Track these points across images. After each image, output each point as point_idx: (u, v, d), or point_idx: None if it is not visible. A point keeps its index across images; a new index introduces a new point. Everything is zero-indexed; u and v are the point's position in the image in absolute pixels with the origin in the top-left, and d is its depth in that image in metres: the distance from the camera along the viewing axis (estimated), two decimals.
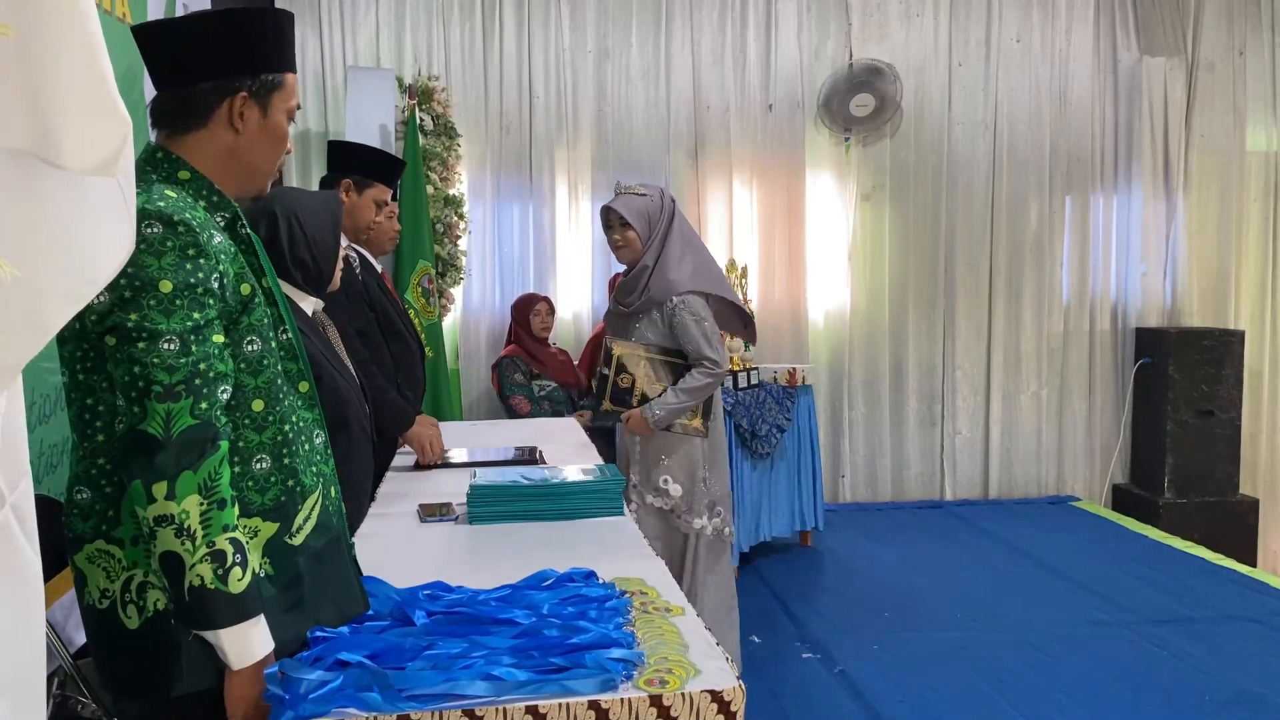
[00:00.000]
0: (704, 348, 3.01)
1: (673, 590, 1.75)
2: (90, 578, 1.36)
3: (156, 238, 1.30)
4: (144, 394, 1.27)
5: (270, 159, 1.49)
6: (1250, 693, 3.23)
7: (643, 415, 3.02)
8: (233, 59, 1.43)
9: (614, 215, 3.07)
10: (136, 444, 1.27)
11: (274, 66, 1.46)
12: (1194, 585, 4.29)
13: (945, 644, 3.66)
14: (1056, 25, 5.68)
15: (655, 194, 3.09)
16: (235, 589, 1.30)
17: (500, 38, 5.30)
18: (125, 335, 1.28)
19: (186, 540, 1.27)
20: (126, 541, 1.35)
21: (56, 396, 2.39)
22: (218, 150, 1.44)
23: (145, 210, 1.31)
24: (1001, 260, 5.76)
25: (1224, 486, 5.50)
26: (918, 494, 5.79)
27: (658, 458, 3.09)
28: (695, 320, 3.02)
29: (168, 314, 1.29)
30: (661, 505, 3.09)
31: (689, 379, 3.02)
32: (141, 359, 1.28)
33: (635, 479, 3.10)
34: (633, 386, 3.02)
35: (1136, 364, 5.74)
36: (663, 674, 1.36)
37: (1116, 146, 5.78)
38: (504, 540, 2.10)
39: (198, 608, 1.29)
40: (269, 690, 1.31)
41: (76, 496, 1.37)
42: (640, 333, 3.09)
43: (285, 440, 1.45)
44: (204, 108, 1.43)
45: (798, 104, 5.53)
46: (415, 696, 1.28)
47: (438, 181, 4.93)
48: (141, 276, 1.29)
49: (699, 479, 3.11)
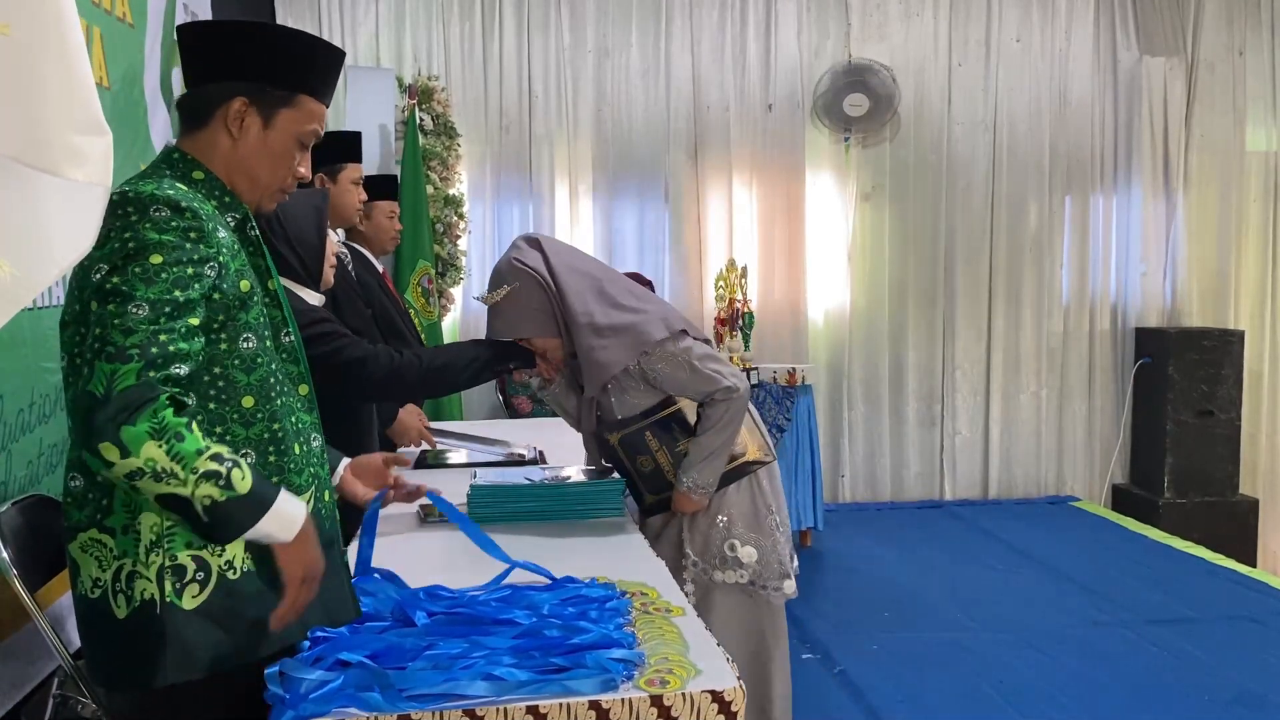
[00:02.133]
0: (702, 385, 2.23)
1: (673, 590, 1.75)
2: (84, 567, 1.37)
3: (163, 219, 1.32)
4: (96, 355, 1.25)
5: (270, 174, 1.49)
6: (1250, 693, 3.23)
7: (683, 492, 2.26)
8: (239, 65, 1.45)
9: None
10: (77, 405, 1.25)
11: (285, 83, 1.47)
12: (1194, 585, 4.29)
13: (945, 644, 3.66)
14: (1056, 25, 5.68)
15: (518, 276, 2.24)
16: (244, 489, 1.29)
17: (500, 37, 5.30)
18: (102, 296, 1.28)
19: (169, 479, 1.25)
20: (118, 530, 1.35)
21: (56, 396, 2.39)
22: (220, 153, 1.46)
23: (155, 196, 1.33)
24: (1001, 260, 5.75)
25: (1224, 487, 5.50)
26: (917, 494, 5.79)
27: (714, 518, 2.30)
28: (675, 365, 2.23)
29: (148, 283, 1.29)
30: (738, 579, 2.28)
31: (705, 418, 2.25)
32: (106, 320, 1.27)
33: (693, 555, 2.30)
34: (657, 465, 2.30)
35: (1136, 364, 5.74)
36: (663, 674, 1.36)
37: (1116, 146, 5.78)
38: (504, 540, 2.08)
39: (222, 524, 1.29)
40: (269, 690, 1.31)
41: (71, 484, 1.38)
42: (622, 403, 2.28)
43: (274, 439, 1.45)
44: (206, 107, 1.46)
45: (797, 104, 5.53)
46: (416, 696, 1.28)
47: (437, 181, 4.93)
48: (136, 245, 1.31)
49: (769, 524, 2.32)
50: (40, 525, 2.08)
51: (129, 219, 1.31)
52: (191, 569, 1.36)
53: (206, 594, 1.37)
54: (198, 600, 1.36)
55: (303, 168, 1.53)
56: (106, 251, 1.30)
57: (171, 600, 1.34)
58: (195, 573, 1.36)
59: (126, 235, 1.30)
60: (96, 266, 1.30)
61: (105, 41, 2.73)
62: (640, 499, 2.36)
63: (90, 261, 1.31)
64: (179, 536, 1.35)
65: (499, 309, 2.26)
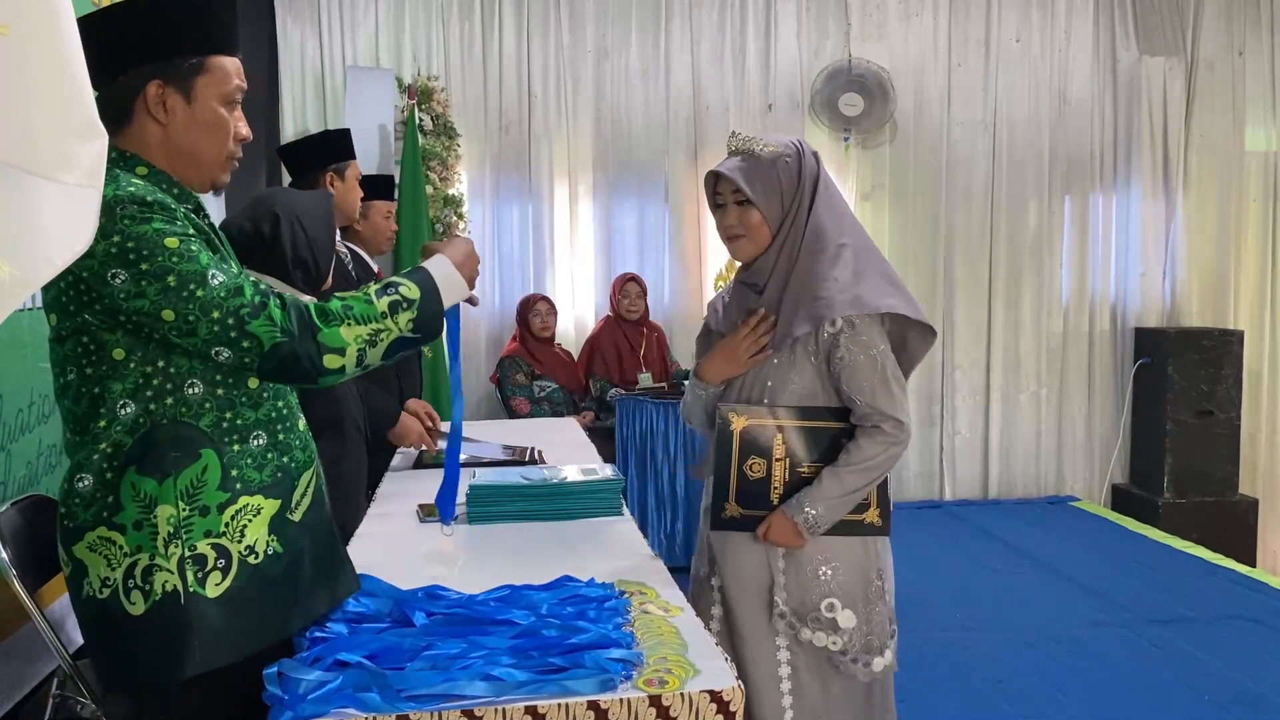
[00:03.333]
0: (881, 399, 1.85)
1: (672, 590, 1.75)
2: (91, 567, 1.36)
3: (138, 213, 1.31)
4: (241, 322, 1.32)
5: (211, 147, 1.45)
6: (1250, 693, 3.23)
7: (790, 518, 1.88)
8: (138, 49, 1.39)
9: (725, 185, 1.93)
10: (278, 361, 1.34)
11: (190, 50, 1.41)
12: (1193, 585, 4.29)
13: (945, 644, 3.66)
14: (1056, 25, 5.68)
15: (790, 150, 1.93)
16: (416, 294, 1.43)
17: (500, 37, 5.30)
18: (176, 296, 1.30)
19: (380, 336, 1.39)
20: (129, 527, 1.34)
21: None
22: (154, 143, 1.42)
23: (119, 197, 1.31)
24: (1001, 260, 5.76)
25: (1223, 486, 5.50)
26: (917, 494, 5.79)
27: (815, 570, 1.91)
28: (870, 357, 1.86)
29: (192, 259, 1.32)
30: (829, 644, 1.90)
31: (856, 450, 1.86)
32: (209, 304, 1.31)
33: (781, 602, 1.92)
34: (769, 476, 1.92)
35: (1136, 364, 5.74)
36: (662, 674, 1.36)
37: (1116, 146, 5.78)
38: (504, 540, 2.09)
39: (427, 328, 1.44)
40: (268, 690, 1.31)
41: (78, 485, 1.37)
42: (774, 380, 1.92)
43: (281, 417, 1.47)
44: (122, 103, 1.41)
45: (797, 104, 5.53)
46: (414, 697, 1.28)
47: (437, 181, 4.93)
48: (146, 245, 1.30)
49: (876, 593, 1.95)
50: (40, 525, 2.08)
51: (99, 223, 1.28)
52: (212, 557, 1.36)
53: (229, 581, 1.37)
54: (221, 588, 1.36)
55: (241, 126, 1.48)
56: (104, 258, 1.29)
57: (195, 590, 1.34)
58: (216, 560, 1.36)
59: (114, 239, 1.29)
60: (112, 272, 1.29)
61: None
62: (720, 507, 1.94)
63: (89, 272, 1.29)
64: (197, 526, 1.35)
65: (753, 158, 1.90)
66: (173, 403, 1.37)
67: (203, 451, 1.37)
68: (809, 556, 1.91)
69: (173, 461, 1.35)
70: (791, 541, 1.89)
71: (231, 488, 1.39)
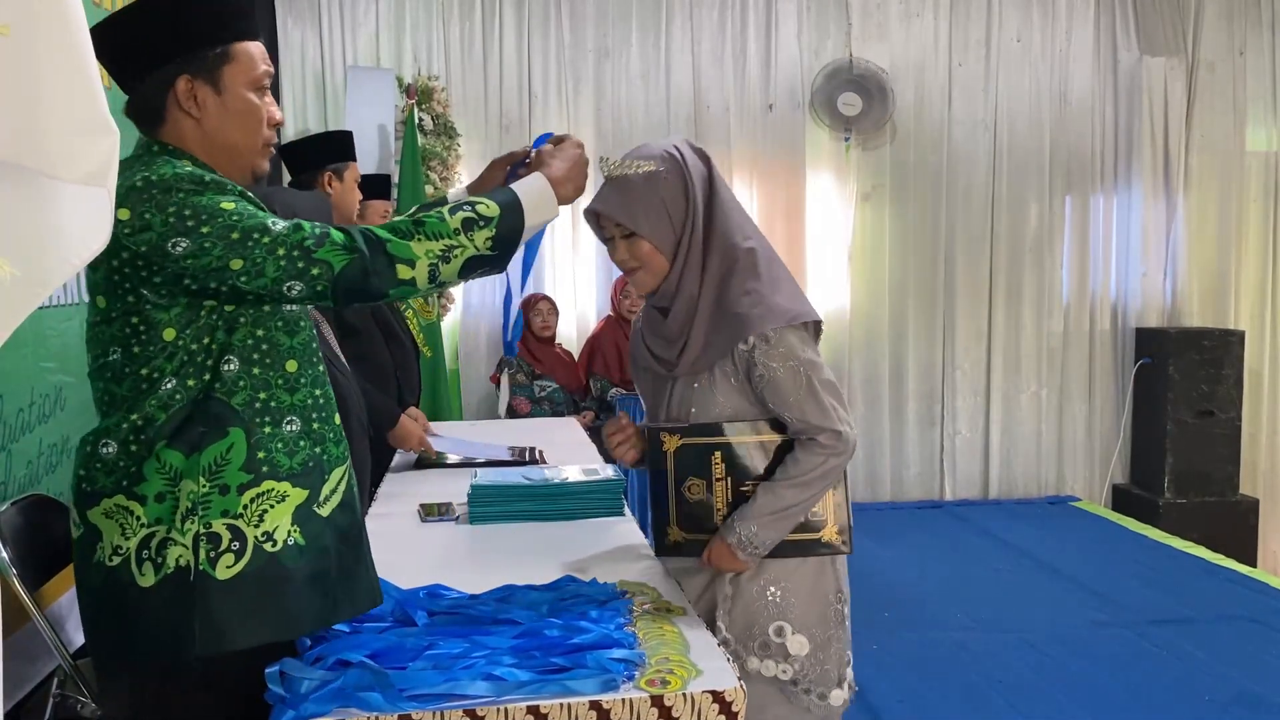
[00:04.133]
0: (810, 413, 1.70)
1: (674, 591, 1.75)
2: (105, 534, 1.35)
3: (193, 188, 1.34)
4: (307, 252, 1.33)
5: (247, 135, 1.46)
6: (1250, 693, 3.23)
7: (726, 542, 1.72)
8: (162, 46, 1.40)
9: (609, 221, 1.79)
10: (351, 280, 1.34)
11: (213, 40, 1.41)
12: (1194, 585, 4.29)
13: (945, 644, 3.66)
14: (1056, 25, 5.68)
15: (666, 163, 1.75)
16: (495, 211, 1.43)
17: (500, 37, 5.29)
18: (242, 245, 1.32)
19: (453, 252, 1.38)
20: (149, 498, 1.34)
21: (56, 396, 2.39)
22: (191, 139, 1.43)
23: (177, 174, 1.34)
24: (1001, 260, 5.75)
25: (1224, 487, 5.50)
26: (917, 494, 5.79)
27: (764, 592, 1.75)
28: (790, 369, 1.71)
29: (252, 214, 1.35)
30: (779, 673, 1.74)
31: (793, 463, 1.71)
32: (274, 243, 1.33)
33: (724, 628, 1.75)
34: (710, 496, 1.76)
35: (1136, 364, 5.74)
36: (664, 674, 1.36)
37: (1116, 146, 5.78)
38: (504, 540, 2.09)
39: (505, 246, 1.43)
40: (270, 690, 1.31)
41: (102, 450, 1.37)
42: (698, 406, 1.77)
43: (316, 406, 1.46)
44: (155, 102, 1.42)
45: (798, 104, 5.53)
46: (416, 696, 1.28)
47: (437, 181, 4.93)
48: (205, 209, 1.32)
49: (833, 616, 1.79)
50: (40, 525, 2.08)
51: (155, 196, 1.32)
52: (226, 539, 1.34)
53: (241, 565, 1.35)
54: (232, 571, 1.34)
55: (273, 110, 1.50)
56: (162, 229, 1.31)
57: (205, 569, 1.33)
58: (230, 542, 1.34)
59: (171, 209, 1.31)
60: (172, 241, 1.31)
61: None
62: (663, 532, 1.81)
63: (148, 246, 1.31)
64: (214, 504, 1.34)
65: (626, 184, 1.73)
66: (209, 378, 1.37)
67: (231, 429, 1.36)
68: (756, 577, 1.74)
69: (200, 436, 1.35)
70: (732, 565, 1.72)
71: (257, 470, 1.37)
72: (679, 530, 1.79)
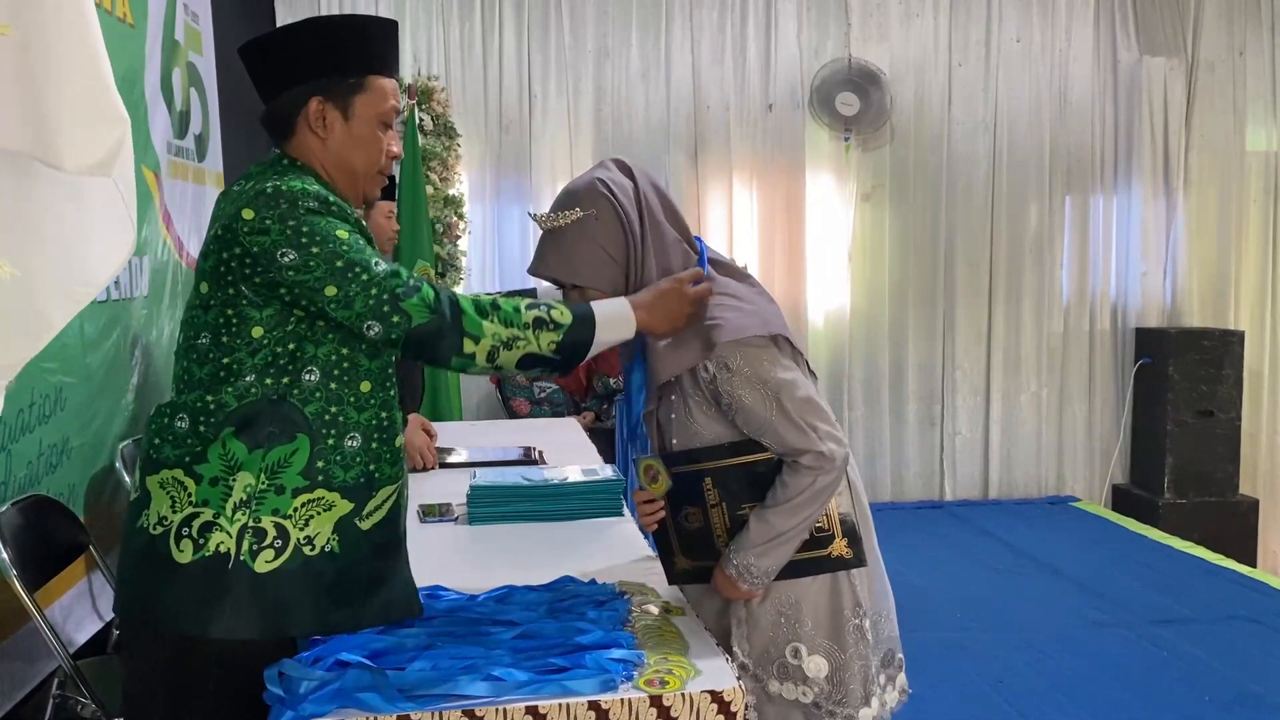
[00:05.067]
0: (788, 436, 1.62)
1: (673, 592, 1.75)
2: (155, 501, 1.41)
3: (316, 207, 1.42)
4: (396, 299, 1.40)
5: (365, 161, 1.54)
6: (1250, 693, 3.23)
7: (728, 575, 1.66)
8: (303, 67, 1.50)
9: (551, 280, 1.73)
10: (423, 337, 1.41)
11: (351, 70, 1.50)
12: (1194, 585, 4.29)
13: (945, 644, 3.66)
14: (1056, 25, 5.67)
15: (596, 200, 1.68)
16: (568, 320, 1.48)
17: (500, 38, 5.30)
18: (342, 276, 1.39)
19: (517, 343, 1.44)
20: (205, 479, 1.40)
21: (56, 396, 2.39)
22: (314, 156, 1.52)
23: (305, 191, 1.42)
24: (1001, 260, 5.75)
25: (1224, 487, 5.50)
26: (917, 494, 5.79)
27: (776, 615, 1.69)
28: (758, 394, 1.62)
29: (360, 249, 1.42)
30: (799, 696, 1.68)
31: (781, 488, 1.63)
32: (372, 281, 1.40)
33: (741, 654, 1.69)
34: (708, 524, 1.69)
35: (1136, 364, 5.74)
36: (663, 674, 1.36)
37: (1116, 146, 5.78)
38: (504, 540, 2.10)
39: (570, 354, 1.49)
40: (268, 690, 1.31)
41: (176, 423, 1.43)
42: (678, 435, 1.71)
43: (382, 427, 1.51)
44: (287, 116, 1.51)
45: (798, 104, 5.53)
46: (415, 697, 1.28)
47: (437, 181, 4.93)
48: (320, 231, 1.40)
49: (851, 631, 1.70)
50: (40, 526, 2.08)
51: (281, 207, 1.40)
52: (271, 534, 1.40)
53: (279, 562, 1.40)
54: (270, 566, 1.39)
55: (394, 145, 1.58)
56: (278, 238, 1.39)
57: (245, 560, 1.38)
58: (274, 539, 1.40)
59: (291, 223, 1.39)
60: (281, 250, 1.38)
61: (106, 42, 2.73)
62: (669, 560, 1.76)
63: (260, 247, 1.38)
64: (268, 501, 1.40)
65: (559, 237, 1.67)
66: (288, 382, 1.43)
67: (299, 435, 1.42)
68: (768, 600, 1.68)
69: (268, 436, 1.41)
70: (738, 594, 1.66)
71: (313, 477, 1.43)
72: (685, 559, 1.74)
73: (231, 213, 1.42)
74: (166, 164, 3.25)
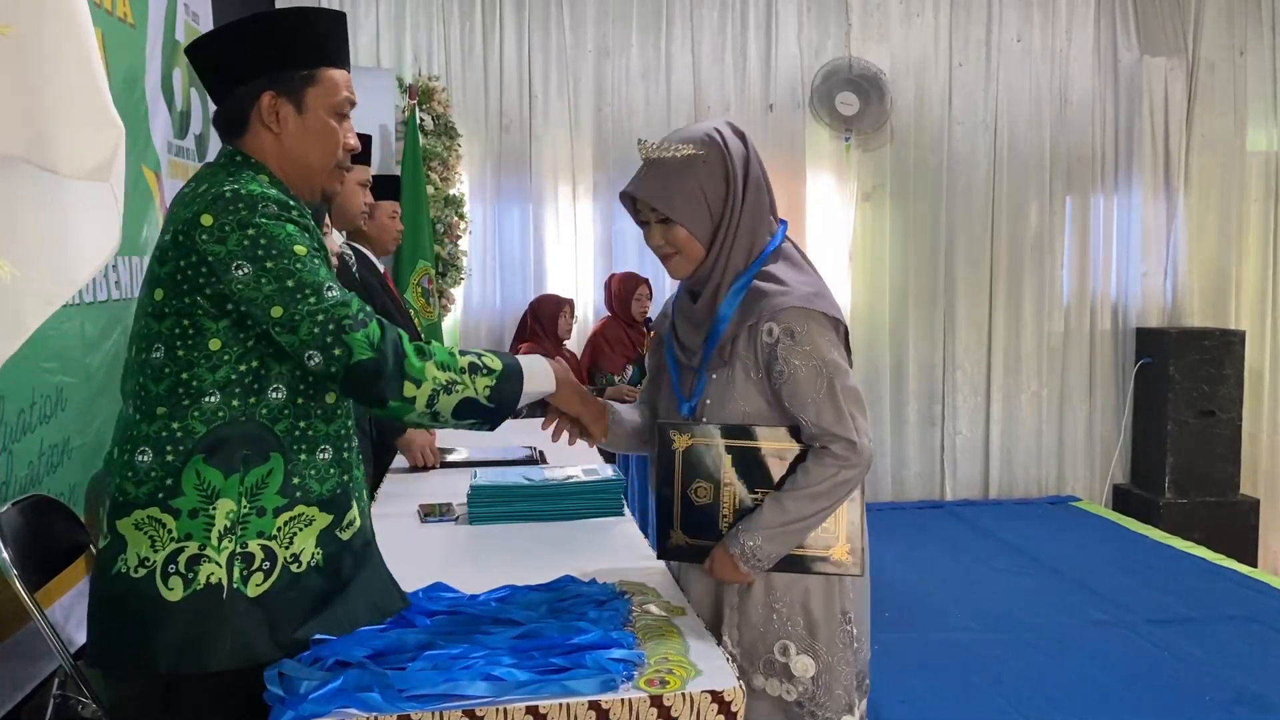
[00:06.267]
0: (827, 417, 1.61)
1: (674, 591, 1.75)
2: (132, 544, 1.37)
3: (274, 213, 1.38)
4: (340, 331, 1.37)
5: (319, 156, 1.51)
6: (1250, 693, 3.23)
7: (729, 551, 1.64)
8: (253, 62, 1.47)
9: (645, 205, 1.71)
10: (361, 375, 1.38)
11: (303, 63, 1.48)
12: (1194, 585, 4.29)
13: (945, 644, 3.66)
14: (1057, 25, 5.68)
15: (706, 145, 1.68)
16: (499, 365, 1.50)
17: (500, 37, 5.30)
18: (290, 298, 1.36)
19: (456, 387, 1.43)
20: (184, 513, 1.37)
21: (57, 397, 2.39)
22: (268, 153, 1.49)
23: (264, 194, 1.39)
24: (1002, 260, 5.75)
25: (1224, 487, 5.50)
26: (918, 494, 5.79)
27: (769, 608, 1.68)
28: (813, 368, 1.61)
29: (314, 270, 1.38)
30: (783, 694, 1.67)
31: (803, 474, 1.62)
32: (319, 308, 1.36)
33: (732, 644, 1.68)
34: (716, 501, 1.68)
35: (1137, 364, 5.74)
36: (663, 674, 1.36)
37: (1117, 146, 5.78)
38: (504, 540, 2.10)
39: (501, 403, 1.49)
40: (269, 690, 1.31)
41: (138, 459, 1.38)
42: (712, 399, 1.69)
43: (348, 435, 1.51)
44: (240, 113, 1.48)
45: (798, 104, 5.53)
46: (415, 697, 1.28)
47: (438, 181, 4.93)
48: (276, 246, 1.37)
49: (841, 637, 1.69)
50: (41, 525, 2.08)
51: (240, 213, 1.36)
52: (259, 558, 1.38)
53: (269, 584, 1.39)
54: (261, 589, 1.38)
55: (350, 138, 1.55)
56: (235, 248, 1.35)
57: (238, 587, 1.37)
58: (262, 561, 1.39)
59: (250, 232, 1.36)
60: (236, 263, 1.35)
61: (106, 42, 2.73)
62: (665, 534, 1.73)
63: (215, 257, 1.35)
64: (252, 525, 1.38)
65: (663, 167, 1.67)
66: (255, 402, 1.40)
67: (272, 454, 1.41)
68: (762, 592, 1.67)
69: (243, 460, 1.38)
70: (734, 576, 1.65)
71: (291, 494, 1.42)
72: (682, 534, 1.71)
73: (188, 217, 1.38)
74: (167, 164, 3.25)
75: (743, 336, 1.65)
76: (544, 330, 4.90)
